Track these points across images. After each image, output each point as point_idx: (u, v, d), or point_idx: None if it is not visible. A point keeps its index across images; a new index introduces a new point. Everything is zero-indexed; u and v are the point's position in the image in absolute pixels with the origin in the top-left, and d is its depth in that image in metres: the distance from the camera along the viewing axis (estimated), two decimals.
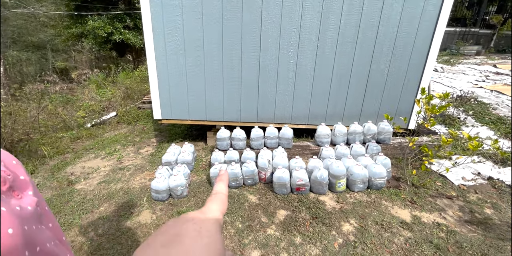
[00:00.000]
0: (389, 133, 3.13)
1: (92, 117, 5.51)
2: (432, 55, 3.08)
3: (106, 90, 6.71)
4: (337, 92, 3.27)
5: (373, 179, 2.51)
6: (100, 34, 8.50)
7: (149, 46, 3.07)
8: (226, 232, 2.09)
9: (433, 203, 2.34)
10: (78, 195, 2.76)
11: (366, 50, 3.08)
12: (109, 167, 3.34)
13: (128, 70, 9.15)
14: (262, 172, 2.71)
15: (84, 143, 4.32)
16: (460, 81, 6.62)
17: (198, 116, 3.40)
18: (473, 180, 2.67)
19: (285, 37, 3.03)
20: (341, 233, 2.03)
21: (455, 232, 1.99)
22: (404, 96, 3.28)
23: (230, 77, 3.21)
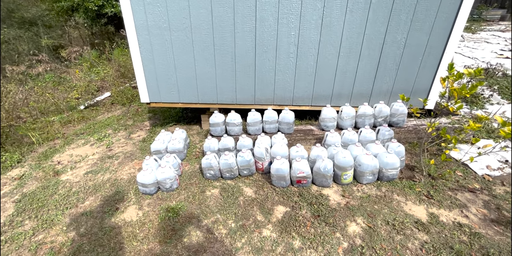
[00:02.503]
0: (404, 115, 2.76)
1: (85, 98, 5.24)
2: (459, 23, 2.58)
3: (99, 69, 6.34)
4: (345, 68, 2.85)
5: (384, 170, 2.21)
6: (90, 7, 7.90)
7: (128, 20, 2.65)
8: (217, 233, 1.88)
9: (453, 198, 2.06)
10: (63, 187, 2.58)
11: (381, 18, 2.59)
12: (97, 155, 3.13)
13: (123, 46, 8.65)
14: (259, 162, 2.44)
15: (75, 127, 4.10)
16: (483, 51, 5.97)
17: (189, 98, 3.06)
18: (500, 169, 2.35)
19: (285, 4, 2.56)
20: (347, 236, 1.79)
21: (479, 235, 1.73)
22: (422, 72, 2.85)
23: (222, 53, 2.80)
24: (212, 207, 2.13)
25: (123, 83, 5.79)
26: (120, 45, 8.52)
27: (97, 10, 8.01)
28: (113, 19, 9.09)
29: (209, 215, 2.06)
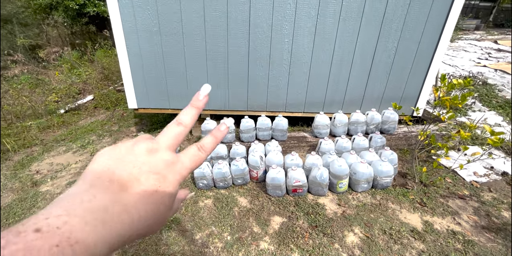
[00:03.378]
0: (395, 122, 2.81)
1: (66, 102, 4.98)
2: (446, 33, 2.67)
3: (81, 71, 6.07)
4: (337, 75, 2.87)
5: (379, 178, 2.23)
6: (71, 5, 7.59)
7: (116, 22, 2.54)
8: (213, 247, 1.81)
9: (445, 205, 2.10)
10: (43, 199, 2.41)
11: (373, 27, 2.64)
12: (81, 163, 2.96)
13: (106, 47, 8.35)
14: (253, 171, 2.39)
15: (55, 133, 3.87)
16: (462, 59, 6.26)
17: (179, 104, 2.97)
18: (486, 176, 2.44)
19: (279, 11, 2.54)
20: (345, 246, 1.77)
21: (473, 242, 1.77)
22: (411, 80, 2.92)
23: (215, 59, 2.74)
24: (206, 219, 2.06)
25: (107, 86, 5.57)
26: (103, 46, 8.23)
27: (78, 9, 7.70)
28: (95, 19, 8.78)
29: (203, 227, 1.98)
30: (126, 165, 0.27)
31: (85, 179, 0.26)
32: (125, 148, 0.29)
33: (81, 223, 0.21)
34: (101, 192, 0.24)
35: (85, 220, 0.21)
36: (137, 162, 0.27)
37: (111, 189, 0.25)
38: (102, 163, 0.27)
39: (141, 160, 0.28)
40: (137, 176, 0.27)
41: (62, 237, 0.20)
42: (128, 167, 0.27)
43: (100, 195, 0.24)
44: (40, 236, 0.19)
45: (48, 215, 0.21)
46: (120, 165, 0.27)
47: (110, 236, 0.22)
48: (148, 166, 0.28)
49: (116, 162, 0.27)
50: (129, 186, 0.26)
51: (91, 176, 0.26)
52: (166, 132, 0.31)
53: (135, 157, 0.28)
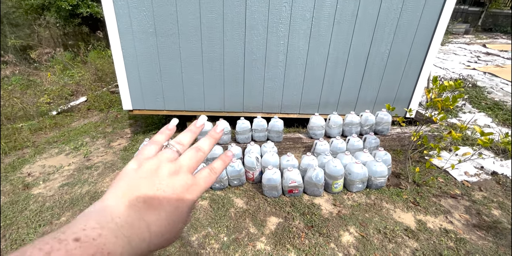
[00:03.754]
0: (388, 123, 2.86)
1: (58, 103, 4.91)
2: (437, 37, 2.73)
3: (74, 72, 6.00)
4: (332, 77, 2.91)
5: (373, 179, 2.26)
6: (63, 6, 7.50)
7: (111, 23, 2.53)
8: (210, 248, 1.81)
9: (437, 204, 2.14)
10: (35, 202, 2.37)
11: (367, 30, 2.69)
12: (74, 166, 2.92)
13: (100, 48, 8.28)
14: (249, 172, 2.40)
15: (47, 135, 3.81)
16: (452, 62, 6.41)
17: (175, 105, 2.97)
18: (477, 175, 2.49)
19: (274, 13, 2.57)
20: (341, 246, 1.79)
21: (464, 240, 1.80)
22: (404, 82, 2.98)
23: (211, 60, 2.75)
24: (202, 220, 2.05)
25: (101, 88, 5.52)
26: (96, 47, 8.16)
27: (71, 10, 7.62)
28: (88, 20, 8.70)
29: (199, 229, 1.97)
30: (152, 187, 0.30)
31: (113, 193, 0.29)
32: (150, 169, 0.32)
33: (112, 237, 0.25)
34: (128, 209, 0.28)
35: (115, 234, 0.25)
36: (161, 185, 0.31)
37: (138, 207, 0.28)
38: (130, 181, 0.31)
39: (164, 183, 0.31)
40: (161, 198, 0.30)
41: (98, 248, 0.23)
42: (153, 188, 0.30)
43: (127, 212, 0.27)
44: (79, 245, 0.22)
45: (84, 227, 0.24)
46: (146, 186, 0.30)
47: (134, 250, 0.26)
48: (171, 189, 0.31)
49: (142, 182, 0.31)
50: (153, 206, 0.29)
51: (119, 192, 0.29)
52: (187, 155, 0.35)
53: (159, 179, 0.31)
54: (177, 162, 0.34)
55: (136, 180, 0.31)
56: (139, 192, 0.29)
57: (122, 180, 0.31)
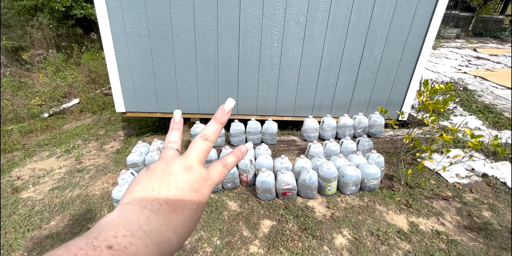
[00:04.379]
0: (381, 126, 2.89)
1: (50, 105, 4.84)
2: (429, 41, 2.78)
3: (66, 74, 5.93)
4: (326, 80, 2.93)
5: (366, 181, 2.27)
6: (57, 7, 7.44)
7: (104, 25, 2.51)
8: (202, 252, 1.79)
9: (429, 206, 2.16)
10: (24, 206, 2.32)
11: (359, 33, 2.72)
12: (65, 169, 2.87)
13: (94, 50, 8.21)
14: (243, 174, 2.39)
15: (38, 138, 3.75)
16: (444, 66, 6.52)
17: (169, 108, 2.95)
18: (468, 177, 2.53)
19: (268, 16, 2.59)
20: (334, 248, 1.79)
21: (456, 242, 1.82)
22: (396, 85, 3.02)
23: (205, 62, 2.75)
24: None
25: (94, 90, 5.47)
26: (90, 49, 8.10)
27: (64, 11, 7.56)
28: (82, 21, 8.65)
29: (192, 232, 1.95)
30: (170, 186, 0.29)
31: (134, 199, 0.28)
32: (161, 169, 0.31)
33: (143, 245, 0.24)
34: (153, 214, 0.27)
35: (145, 243, 0.25)
36: (178, 183, 0.30)
37: (162, 211, 0.28)
38: (145, 185, 0.29)
39: (180, 180, 0.30)
40: (182, 196, 0.29)
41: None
42: (172, 188, 0.29)
43: (153, 217, 0.27)
44: (112, 253, 0.22)
45: (116, 234, 0.24)
46: (164, 187, 0.29)
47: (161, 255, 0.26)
48: (189, 185, 0.30)
49: (159, 183, 0.30)
50: (175, 207, 0.29)
51: (138, 197, 0.29)
52: (194, 147, 0.34)
53: (175, 177, 0.30)
54: (186, 156, 0.33)
55: (152, 182, 0.30)
56: (159, 195, 0.29)
57: (138, 184, 0.30)
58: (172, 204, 0.28)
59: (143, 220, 0.26)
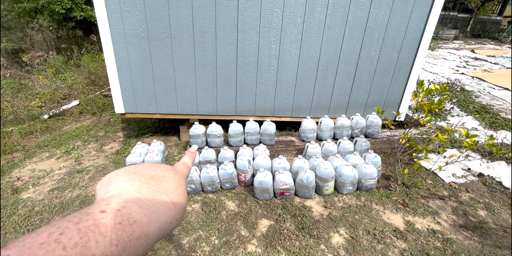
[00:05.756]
0: (378, 126, 2.91)
1: (50, 107, 4.86)
2: (425, 42, 2.81)
3: (66, 76, 5.96)
4: (323, 81, 2.96)
5: (363, 181, 2.29)
6: (57, 10, 7.48)
7: (103, 27, 2.54)
8: (200, 251, 1.81)
9: (425, 206, 2.18)
10: (24, 206, 2.34)
11: (356, 35, 2.75)
12: (65, 170, 2.89)
13: (93, 52, 8.24)
14: (241, 175, 2.41)
15: (38, 139, 3.77)
16: (442, 67, 6.56)
17: (168, 109, 2.98)
18: (464, 177, 2.55)
19: (266, 18, 2.62)
20: (331, 247, 1.81)
21: (451, 240, 1.84)
22: (393, 86, 3.05)
23: (203, 64, 2.78)
24: (194, 223, 2.05)
25: (93, 91, 5.49)
26: (89, 51, 8.14)
27: (64, 14, 7.60)
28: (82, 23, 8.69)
29: (190, 232, 1.97)
30: (148, 169, 0.33)
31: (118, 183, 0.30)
32: (131, 165, 0.34)
33: (136, 207, 0.26)
34: (143, 186, 0.29)
35: (139, 205, 0.26)
36: (153, 167, 0.34)
37: (151, 184, 0.30)
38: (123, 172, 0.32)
39: (154, 166, 0.35)
40: (162, 173, 0.33)
41: (123, 217, 0.24)
42: (150, 170, 0.33)
43: (144, 189, 0.29)
44: (106, 215, 0.23)
45: (108, 202, 0.25)
46: (143, 170, 0.33)
47: (159, 219, 0.27)
48: (164, 167, 0.35)
49: (136, 169, 0.33)
50: (161, 180, 0.32)
51: (122, 178, 0.31)
52: (176, 165, 0.40)
53: (148, 165, 0.34)
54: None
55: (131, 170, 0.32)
56: (142, 175, 0.31)
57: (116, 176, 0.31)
58: (157, 179, 0.32)
59: (135, 190, 0.28)
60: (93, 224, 0.22)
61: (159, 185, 0.31)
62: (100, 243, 0.21)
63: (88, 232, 0.21)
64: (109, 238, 0.22)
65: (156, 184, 0.31)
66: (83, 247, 0.20)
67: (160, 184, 0.31)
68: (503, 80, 5.32)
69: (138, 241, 0.24)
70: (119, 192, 0.27)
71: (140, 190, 0.28)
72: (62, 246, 0.20)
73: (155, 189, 0.30)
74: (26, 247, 0.19)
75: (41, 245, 0.19)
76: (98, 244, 0.21)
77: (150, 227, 0.26)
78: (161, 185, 0.31)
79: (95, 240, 0.21)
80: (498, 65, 6.77)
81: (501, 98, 4.48)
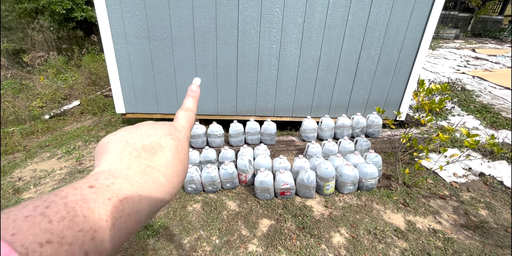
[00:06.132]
0: (379, 126, 2.91)
1: (51, 107, 4.87)
2: (425, 42, 2.81)
3: (67, 76, 5.98)
4: (324, 81, 2.96)
5: (364, 180, 2.29)
6: (57, 10, 7.50)
7: (104, 27, 2.55)
8: (201, 250, 1.81)
9: (426, 205, 2.18)
10: None
11: (357, 34, 2.75)
12: (66, 170, 2.90)
13: (94, 52, 8.26)
14: (242, 174, 2.41)
15: (39, 139, 3.78)
16: (443, 67, 6.54)
17: (168, 109, 2.98)
18: (465, 177, 2.55)
19: (266, 18, 2.62)
20: (332, 247, 1.81)
21: (452, 240, 1.84)
22: (394, 86, 3.04)
23: (204, 64, 2.78)
24: (195, 223, 2.06)
25: (94, 91, 5.50)
26: (90, 51, 8.15)
27: (65, 14, 7.62)
28: (82, 24, 8.71)
29: (191, 231, 1.98)
30: (142, 136, 0.30)
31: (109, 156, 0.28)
32: (130, 128, 0.31)
33: (126, 184, 0.25)
34: (134, 161, 0.27)
35: (129, 182, 0.25)
36: (149, 132, 0.30)
37: (142, 157, 0.28)
38: (116, 140, 0.29)
39: (151, 130, 0.31)
40: (158, 140, 0.30)
41: (113, 193, 0.23)
42: (145, 137, 0.30)
43: (134, 164, 0.27)
44: (94, 191, 0.22)
45: (97, 178, 0.24)
46: (137, 137, 0.30)
47: (150, 196, 0.26)
48: (161, 131, 0.31)
49: (130, 136, 0.30)
50: (155, 151, 0.29)
51: (113, 150, 0.28)
52: (179, 117, 0.36)
53: (145, 129, 0.31)
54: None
55: (123, 137, 0.30)
56: (135, 145, 0.29)
57: (107, 142, 0.30)
58: (150, 149, 0.29)
59: (124, 166, 0.26)
60: (81, 198, 0.21)
61: (152, 158, 0.28)
62: (89, 218, 0.20)
63: (76, 206, 0.20)
64: (97, 213, 0.21)
65: (149, 157, 0.28)
66: (70, 221, 0.20)
67: (153, 156, 0.28)
68: (504, 80, 5.31)
69: (129, 217, 0.23)
70: (108, 168, 0.26)
71: (130, 165, 0.27)
72: (48, 219, 0.19)
73: (146, 163, 0.27)
74: (10, 219, 0.18)
75: (26, 218, 0.18)
76: (86, 219, 0.20)
77: (142, 204, 0.25)
78: (154, 157, 0.28)
79: (83, 214, 0.20)
80: (499, 64, 6.76)
81: (502, 97, 4.47)
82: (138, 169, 0.27)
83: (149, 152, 0.28)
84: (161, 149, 0.29)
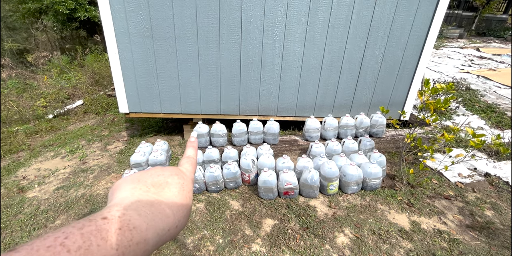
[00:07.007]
0: (383, 126, 2.89)
1: (54, 107, 4.90)
2: (430, 41, 2.78)
3: (70, 75, 6.00)
4: (327, 80, 2.94)
5: (368, 180, 2.28)
6: (61, 10, 7.53)
7: (108, 27, 2.55)
8: (205, 250, 1.80)
9: (431, 206, 2.16)
10: (30, 205, 2.35)
11: (361, 33, 2.73)
12: (69, 169, 2.91)
13: (97, 52, 8.29)
14: (245, 174, 2.41)
15: (43, 138, 3.80)
16: (447, 66, 6.50)
17: (171, 108, 2.98)
18: (470, 177, 2.52)
19: (270, 17, 2.61)
20: (336, 247, 1.80)
21: (458, 240, 1.82)
22: (398, 85, 3.02)
23: (207, 63, 2.78)
24: (198, 223, 2.05)
25: (97, 91, 5.52)
26: (93, 51, 8.18)
27: (68, 14, 7.65)
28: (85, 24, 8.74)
29: (195, 231, 1.97)
30: (152, 175, 0.35)
31: (121, 190, 0.32)
32: (140, 171, 0.36)
33: (135, 214, 0.28)
34: (143, 195, 0.31)
35: (138, 212, 0.28)
36: (158, 172, 0.35)
37: (151, 192, 0.32)
38: (129, 180, 0.34)
39: (161, 169, 0.36)
40: (165, 179, 0.34)
41: (123, 223, 0.26)
42: (154, 176, 0.35)
43: (143, 197, 0.31)
44: (107, 221, 0.25)
45: (109, 210, 0.27)
46: (147, 176, 0.35)
47: (157, 226, 0.29)
48: (169, 172, 0.36)
49: (141, 176, 0.35)
50: (163, 187, 0.33)
51: (126, 188, 0.32)
52: (183, 163, 0.41)
53: (154, 171, 0.36)
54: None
55: (135, 178, 0.34)
56: (145, 182, 0.33)
57: (121, 182, 0.34)
58: (158, 186, 0.33)
59: (135, 199, 0.30)
60: (95, 229, 0.24)
61: (160, 193, 0.32)
62: (102, 247, 0.23)
63: (91, 236, 0.23)
64: (109, 242, 0.24)
65: (157, 192, 0.32)
66: (86, 250, 0.22)
67: (161, 191, 0.32)
68: (509, 79, 5.26)
69: (137, 246, 0.26)
70: (120, 201, 0.29)
71: (140, 198, 0.30)
72: (66, 249, 0.22)
73: (154, 197, 0.31)
74: (34, 249, 0.21)
75: (47, 248, 0.21)
76: (100, 248, 0.23)
77: (149, 233, 0.27)
78: (161, 192, 0.32)
79: (97, 244, 0.23)
80: (503, 64, 6.69)
81: (507, 97, 4.42)
82: (147, 201, 0.30)
83: (157, 188, 0.33)
84: (168, 185, 0.34)
